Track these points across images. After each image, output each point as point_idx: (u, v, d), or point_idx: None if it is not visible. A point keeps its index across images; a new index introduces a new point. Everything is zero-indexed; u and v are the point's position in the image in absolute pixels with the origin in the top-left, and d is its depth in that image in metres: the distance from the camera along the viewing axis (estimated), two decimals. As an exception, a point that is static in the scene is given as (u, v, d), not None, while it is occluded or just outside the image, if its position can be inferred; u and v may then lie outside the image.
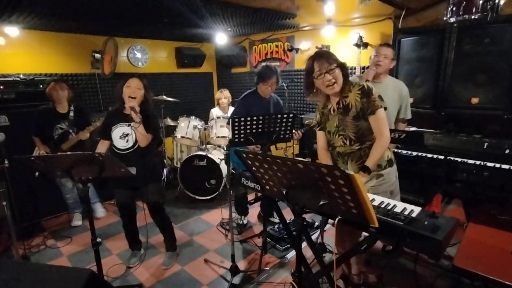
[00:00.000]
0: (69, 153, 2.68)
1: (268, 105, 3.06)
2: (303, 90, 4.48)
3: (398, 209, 1.42)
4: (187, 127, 4.12)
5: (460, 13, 2.61)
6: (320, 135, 2.09)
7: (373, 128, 1.82)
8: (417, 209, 1.40)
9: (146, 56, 4.86)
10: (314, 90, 1.89)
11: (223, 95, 4.31)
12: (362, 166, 1.83)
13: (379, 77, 2.63)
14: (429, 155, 2.56)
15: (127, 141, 2.40)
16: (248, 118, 2.25)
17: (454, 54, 2.61)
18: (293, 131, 2.58)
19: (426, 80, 2.82)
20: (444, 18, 2.74)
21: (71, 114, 3.19)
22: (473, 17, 2.55)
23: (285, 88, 4.38)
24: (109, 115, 2.56)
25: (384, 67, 2.53)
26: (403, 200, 1.90)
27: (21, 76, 3.43)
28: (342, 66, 1.82)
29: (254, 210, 3.58)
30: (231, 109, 4.26)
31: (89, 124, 3.11)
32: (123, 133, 2.40)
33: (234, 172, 3.50)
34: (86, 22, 3.55)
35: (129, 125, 2.38)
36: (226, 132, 3.69)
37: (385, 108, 1.83)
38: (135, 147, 2.41)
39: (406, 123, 2.66)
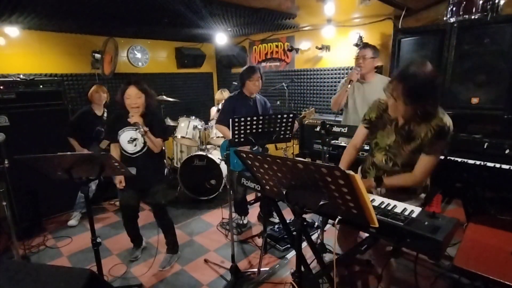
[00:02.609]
0: (69, 153, 2.68)
1: (255, 106, 3.05)
2: (303, 90, 4.56)
3: (398, 210, 1.42)
4: (187, 127, 4.13)
5: (460, 13, 2.61)
6: (361, 132, 1.87)
7: (416, 164, 1.63)
8: (417, 209, 1.40)
9: (146, 56, 4.85)
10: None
11: (224, 96, 4.31)
12: (377, 177, 1.72)
13: (365, 77, 2.67)
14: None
15: (135, 145, 2.45)
16: (248, 118, 2.24)
17: (454, 54, 2.61)
18: None
19: (426, 80, 2.82)
20: (444, 18, 2.74)
21: (105, 115, 3.58)
22: (473, 17, 2.55)
23: (285, 88, 4.39)
24: (113, 120, 2.62)
25: (366, 67, 2.60)
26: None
27: (21, 76, 3.42)
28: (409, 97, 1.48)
29: (254, 210, 3.58)
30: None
31: None
32: (130, 138, 2.45)
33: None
34: (86, 22, 3.55)
35: (136, 129, 2.38)
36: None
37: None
38: (143, 151, 2.45)
39: None
